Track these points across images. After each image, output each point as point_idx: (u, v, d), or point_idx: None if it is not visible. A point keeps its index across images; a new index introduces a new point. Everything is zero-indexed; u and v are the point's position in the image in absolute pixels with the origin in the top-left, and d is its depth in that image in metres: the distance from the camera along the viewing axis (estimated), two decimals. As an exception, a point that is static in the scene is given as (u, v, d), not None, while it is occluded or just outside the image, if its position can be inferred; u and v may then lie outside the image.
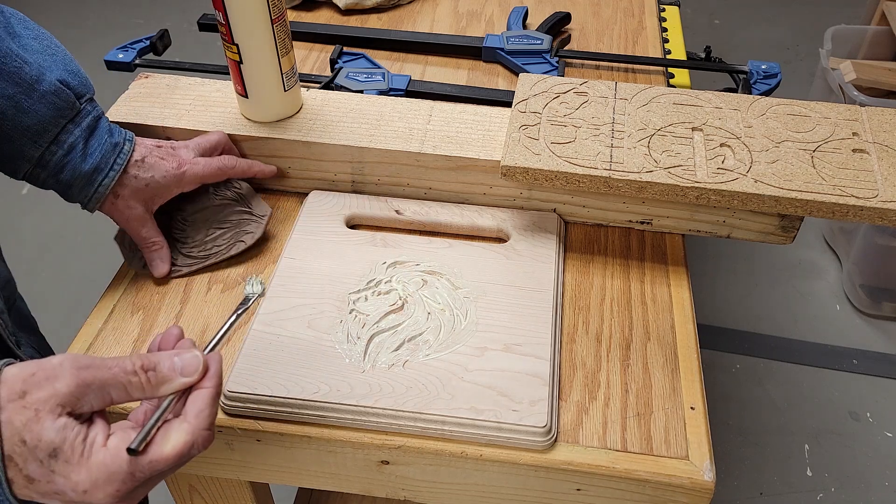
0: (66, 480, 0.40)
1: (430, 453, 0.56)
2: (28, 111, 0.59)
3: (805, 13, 2.55)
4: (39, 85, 0.60)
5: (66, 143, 0.61)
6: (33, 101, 0.59)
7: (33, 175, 0.62)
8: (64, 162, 0.62)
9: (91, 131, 0.63)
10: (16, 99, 0.59)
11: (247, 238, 0.70)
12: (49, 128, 0.60)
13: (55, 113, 0.61)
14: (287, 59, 0.71)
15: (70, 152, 0.62)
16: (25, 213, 1.89)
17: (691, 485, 0.55)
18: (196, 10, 1.61)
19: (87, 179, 0.62)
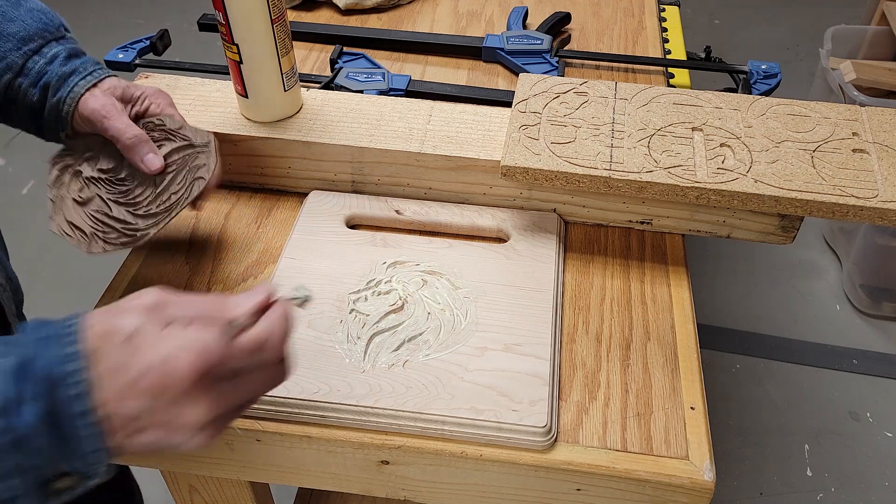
0: (146, 356, 0.38)
1: (430, 453, 0.56)
2: (14, 19, 0.61)
3: (805, 13, 2.55)
4: (27, 2, 0.62)
5: (49, 54, 0.62)
6: (20, 13, 0.61)
7: (13, 88, 0.61)
8: (45, 70, 0.61)
9: (76, 54, 0.64)
10: (2, 9, 0.61)
11: (202, 172, 0.63)
12: (34, 37, 0.61)
13: (41, 26, 0.62)
14: (287, 59, 0.71)
15: (51, 62, 0.62)
16: (25, 213, 1.89)
17: (691, 485, 0.55)
18: (196, 10, 1.61)
19: (64, 79, 0.62)
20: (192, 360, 0.38)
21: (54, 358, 0.37)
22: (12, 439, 0.36)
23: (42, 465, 0.37)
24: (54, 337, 0.38)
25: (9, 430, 0.35)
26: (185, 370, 0.38)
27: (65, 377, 0.37)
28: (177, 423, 0.39)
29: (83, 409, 0.37)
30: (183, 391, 0.39)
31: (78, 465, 0.38)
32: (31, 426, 0.36)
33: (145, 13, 2.52)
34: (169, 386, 0.38)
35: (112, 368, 0.38)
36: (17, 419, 0.36)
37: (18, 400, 0.36)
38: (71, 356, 0.37)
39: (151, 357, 0.38)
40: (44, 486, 0.38)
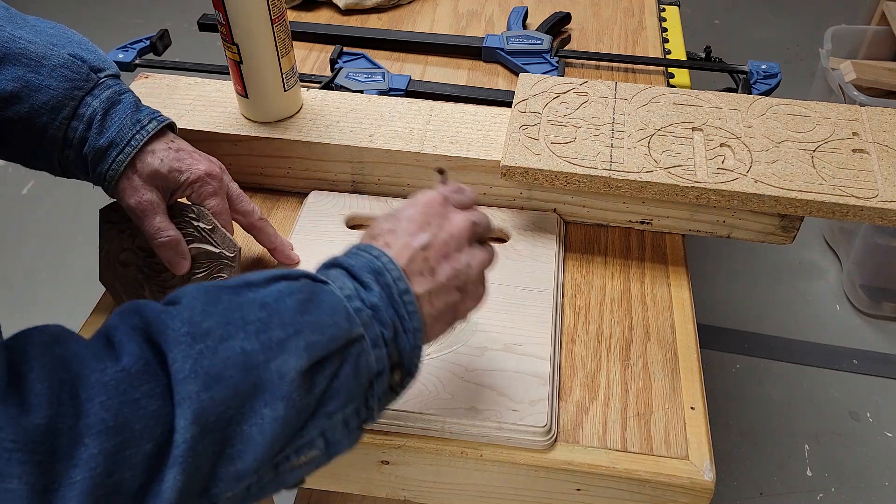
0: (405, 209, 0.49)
1: (430, 453, 0.56)
2: (40, 87, 0.58)
3: (805, 13, 2.55)
4: (48, 60, 0.58)
5: (85, 117, 0.59)
6: (43, 77, 0.58)
7: (64, 158, 0.60)
8: (85, 136, 0.59)
9: (112, 104, 0.60)
10: (25, 78, 0.57)
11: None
12: (66, 102, 0.58)
13: (69, 85, 0.58)
14: (287, 59, 0.71)
15: (89, 127, 0.59)
16: (25, 213, 1.89)
17: (691, 485, 0.55)
18: (196, 10, 1.61)
19: (101, 155, 0.59)
20: (433, 193, 0.50)
21: (369, 259, 0.45)
22: (371, 313, 0.43)
23: (391, 338, 0.44)
24: (357, 252, 0.46)
25: (366, 305, 0.43)
26: (433, 195, 0.50)
27: (384, 266, 0.45)
28: (454, 238, 0.48)
29: (404, 286, 0.45)
30: (440, 209, 0.49)
31: (407, 343, 0.45)
32: (378, 301, 0.44)
33: (145, 13, 2.52)
34: (430, 208, 0.49)
35: (391, 231, 0.48)
36: (368, 298, 0.44)
37: (361, 288, 0.44)
38: (379, 256, 0.46)
39: (408, 206, 0.49)
40: (390, 375, 0.44)
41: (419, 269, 0.46)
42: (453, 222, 0.49)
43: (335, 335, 0.41)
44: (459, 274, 0.48)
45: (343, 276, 0.45)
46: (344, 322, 0.42)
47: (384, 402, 0.45)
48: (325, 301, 0.42)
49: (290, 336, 0.40)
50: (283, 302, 0.41)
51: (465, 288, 0.49)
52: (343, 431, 0.43)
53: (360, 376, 0.43)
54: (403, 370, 0.45)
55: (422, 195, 0.50)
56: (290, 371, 0.39)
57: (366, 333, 0.43)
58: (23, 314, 1.62)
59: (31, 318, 0.71)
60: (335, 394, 0.42)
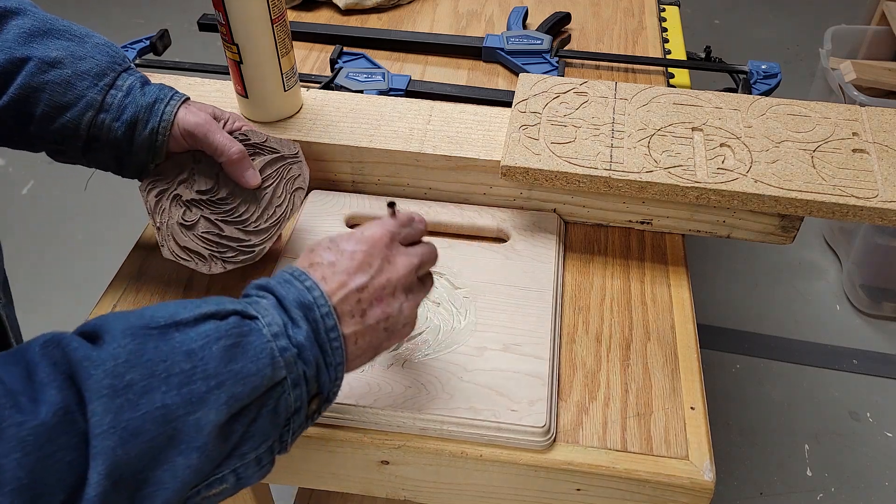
0: (349, 241, 0.49)
1: (429, 453, 0.56)
2: (84, 57, 0.61)
3: (805, 13, 2.55)
4: (90, 38, 0.63)
5: (125, 86, 0.62)
6: (88, 49, 0.62)
7: (97, 123, 0.61)
8: (125, 102, 0.62)
9: (147, 82, 0.64)
10: (70, 49, 0.61)
11: (299, 182, 0.66)
12: (107, 71, 0.62)
13: (110, 60, 0.62)
14: (287, 59, 0.71)
15: (129, 94, 0.62)
16: (25, 213, 1.89)
17: (691, 485, 0.55)
18: (196, 10, 1.61)
19: (148, 110, 0.62)
20: (380, 228, 0.50)
21: (300, 291, 0.46)
22: (297, 352, 0.44)
23: (313, 376, 0.45)
24: (290, 280, 0.46)
25: (292, 344, 0.44)
26: (379, 233, 0.50)
27: (314, 301, 0.45)
28: (391, 284, 0.48)
29: (332, 323, 0.45)
30: (384, 250, 0.49)
31: (328, 378, 0.46)
32: (305, 339, 0.44)
33: (145, 13, 2.52)
34: (374, 249, 0.49)
35: (330, 263, 0.48)
36: (295, 336, 0.44)
37: (290, 322, 0.44)
38: (310, 287, 0.46)
39: (353, 239, 0.49)
40: (307, 407, 0.45)
41: (350, 310, 0.47)
42: (395, 266, 0.49)
43: (257, 385, 0.42)
44: (390, 318, 0.48)
45: (273, 307, 0.45)
46: (268, 368, 0.42)
47: (299, 433, 0.46)
48: (251, 345, 0.42)
49: (212, 389, 0.40)
50: (209, 349, 0.41)
51: (393, 329, 0.49)
52: (254, 468, 0.44)
53: (278, 417, 0.44)
54: (321, 399, 0.46)
55: (370, 230, 0.50)
56: (208, 424, 0.40)
57: (288, 376, 0.43)
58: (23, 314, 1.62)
59: (31, 318, 0.71)
60: (251, 437, 0.43)
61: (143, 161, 0.63)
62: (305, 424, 0.46)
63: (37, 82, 0.60)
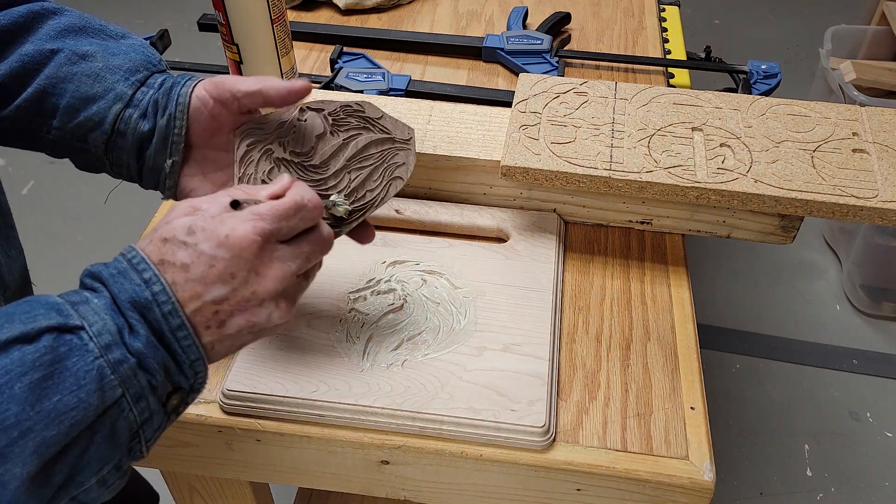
0: (209, 241, 0.41)
1: (430, 453, 0.56)
2: (117, 53, 0.59)
3: (805, 13, 2.55)
4: (125, 39, 0.61)
5: (156, 84, 0.58)
6: (122, 46, 0.59)
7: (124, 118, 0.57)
8: (155, 98, 0.57)
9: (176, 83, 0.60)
10: (104, 44, 0.59)
11: (401, 172, 0.58)
12: (139, 68, 0.58)
13: (144, 59, 0.59)
14: (287, 59, 0.71)
15: (159, 89, 0.58)
16: (25, 213, 1.89)
17: (691, 485, 0.55)
18: (196, 10, 1.61)
19: (166, 95, 0.57)
20: (250, 229, 0.42)
21: (136, 286, 0.39)
22: (135, 363, 0.38)
23: (161, 381, 0.39)
24: (125, 270, 0.40)
25: (129, 354, 0.38)
26: (248, 238, 0.42)
27: (153, 299, 0.39)
28: (257, 296, 0.42)
29: (179, 322, 0.40)
30: (252, 260, 0.42)
31: (184, 377, 0.41)
32: (145, 346, 0.38)
33: (145, 13, 2.52)
34: (239, 259, 0.41)
35: (183, 266, 0.41)
36: (132, 343, 0.38)
37: (125, 329, 0.38)
38: (149, 281, 0.40)
39: (214, 240, 0.41)
40: (164, 406, 0.41)
41: (205, 322, 0.41)
42: (264, 280, 0.43)
43: (80, 418, 0.36)
44: (256, 325, 0.43)
45: (104, 309, 0.39)
46: (94, 395, 0.36)
47: (158, 435, 0.41)
48: (69, 371, 0.36)
49: (13, 441, 0.34)
50: (10, 390, 0.34)
51: (262, 332, 0.44)
52: (99, 490, 0.39)
53: (118, 437, 0.38)
54: (183, 392, 0.41)
55: (235, 232, 0.42)
56: (13, 480, 0.34)
57: (126, 392, 0.38)
58: (23, 314, 1.62)
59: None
60: (84, 468, 0.37)
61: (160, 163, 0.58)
62: (167, 423, 0.41)
63: (65, 73, 0.57)
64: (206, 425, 0.58)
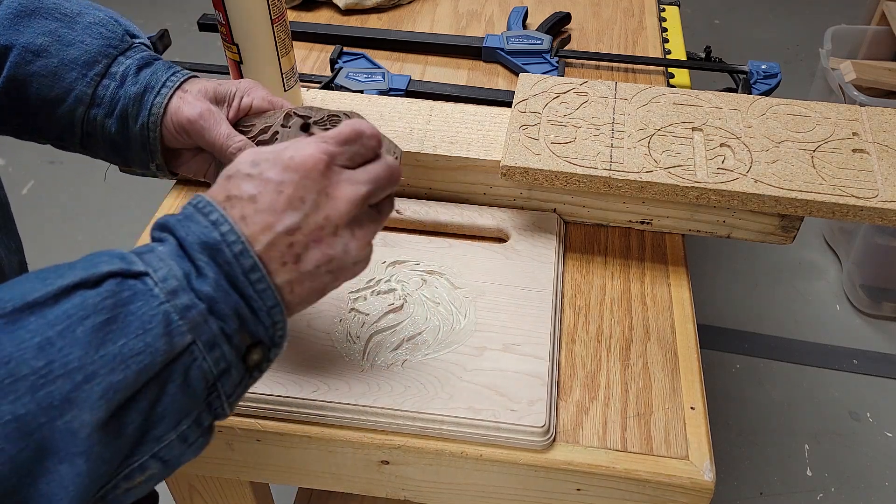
0: (274, 167, 0.40)
1: (430, 453, 0.56)
2: (72, 43, 0.54)
3: (805, 13, 2.55)
4: (82, 17, 0.55)
5: (118, 74, 0.54)
6: (77, 32, 0.54)
7: (90, 120, 0.55)
8: (118, 95, 0.54)
9: (145, 64, 0.56)
10: (58, 33, 0.54)
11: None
12: (98, 58, 0.54)
13: (103, 43, 0.54)
14: (287, 59, 0.71)
15: (123, 83, 0.54)
16: (25, 213, 1.89)
17: (691, 485, 0.55)
18: (196, 10, 1.61)
19: (137, 102, 0.54)
20: (314, 149, 0.40)
21: (203, 228, 0.37)
22: (205, 308, 0.36)
23: (235, 329, 0.37)
24: (191, 214, 0.38)
25: (198, 299, 0.36)
26: (314, 157, 0.40)
27: (222, 240, 0.37)
28: (331, 222, 0.40)
29: (251, 263, 0.37)
30: (321, 180, 0.40)
31: (262, 326, 0.38)
32: (214, 290, 0.36)
33: (145, 13, 2.52)
34: (307, 180, 0.40)
35: (251, 197, 0.39)
36: (201, 287, 0.36)
37: (192, 272, 0.36)
38: (217, 222, 0.38)
39: (279, 165, 0.40)
40: (244, 359, 0.38)
41: (280, 257, 0.39)
42: (336, 201, 0.41)
43: (148, 363, 0.35)
44: (333, 260, 0.41)
45: (171, 255, 0.37)
46: (161, 340, 0.35)
47: (240, 393, 0.39)
48: (134, 315, 0.35)
49: (78, 386, 0.33)
50: (73, 334, 0.33)
51: (340, 271, 0.42)
52: (181, 447, 0.37)
53: (193, 388, 0.37)
54: (263, 346, 0.39)
55: (300, 150, 0.40)
56: (85, 427, 0.33)
57: (197, 339, 0.36)
58: (23, 314, 1.62)
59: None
60: (160, 419, 0.36)
61: (142, 159, 0.57)
62: (249, 379, 0.39)
63: (22, 74, 0.53)
64: (206, 425, 0.58)
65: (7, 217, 0.59)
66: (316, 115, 0.56)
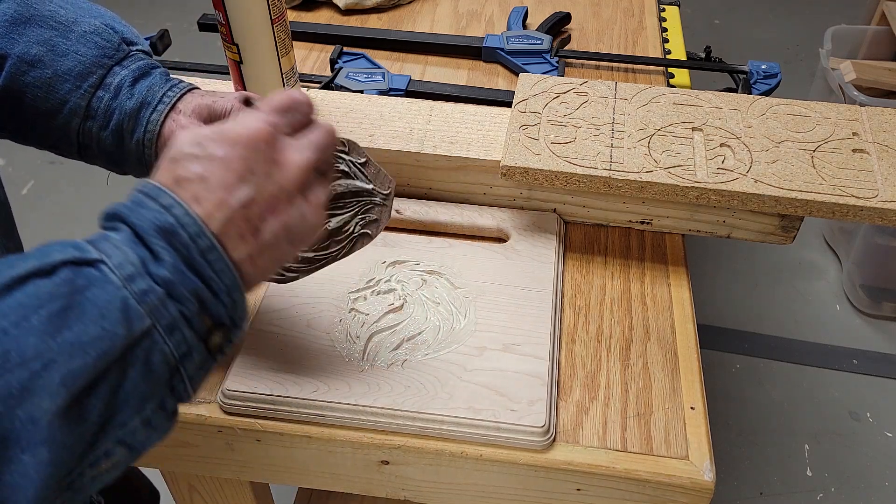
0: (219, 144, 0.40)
1: (430, 453, 0.56)
2: (67, 53, 0.53)
3: (805, 13, 2.55)
4: (78, 26, 0.55)
5: (112, 86, 0.54)
6: (72, 42, 0.54)
7: (85, 132, 0.55)
8: (113, 107, 0.54)
9: (142, 75, 0.56)
10: (52, 42, 0.53)
11: (371, 229, 0.55)
12: (93, 69, 0.54)
13: (98, 52, 0.54)
14: (287, 59, 0.71)
15: (118, 94, 0.54)
16: (25, 213, 1.89)
17: (691, 485, 0.55)
18: (196, 10, 1.61)
19: (133, 118, 0.54)
20: (256, 121, 0.41)
21: (156, 213, 0.37)
22: (163, 292, 0.36)
23: (195, 311, 0.37)
24: (142, 201, 0.38)
25: (157, 282, 0.36)
26: (257, 128, 0.40)
27: (176, 223, 0.37)
28: (283, 189, 0.40)
29: (207, 243, 0.37)
30: (267, 150, 0.40)
31: (222, 306, 0.38)
32: (172, 273, 0.36)
33: (145, 13, 2.52)
34: (254, 151, 0.39)
35: (200, 177, 0.39)
36: (157, 272, 0.36)
37: (148, 259, 0.36)
38: (169, 206, 0.37)
39: (224, 142, 0.39)
40: (205, 342, 0.39)
41: (238, 232, 0.39)
42: (285, 169, 0.41)
43: (107, 349, 0.34)
44: (291, 227, 0.41)
45: (126, 242, 0.37)
46: (120, 324, 0.35)
47: (203, 375, 0.40)
48: (90, 302, 0.35)
49: (37, 373, 0.33)
50: (28, 323, 0.33)
51: (298, 238, 0.42)
52: (146, 431, 0.37)
53: (155, 372, 0.37)
54: (225, 328, 0.39)
55: (241, 125, 0.40)
56: (45, 415, 0.33)
57: (156, 323, 0.36)
58: (23, 314, 1.62)
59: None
60: (123, 404, 0.36)
61: (138, 172, 0.57)
62: (210, 361, 0.39)
63: (17, 85, 0.53)
64: (206, 425, 0.58)
65: (7, 217, 0.59)
66: (355, 155, 0.55)
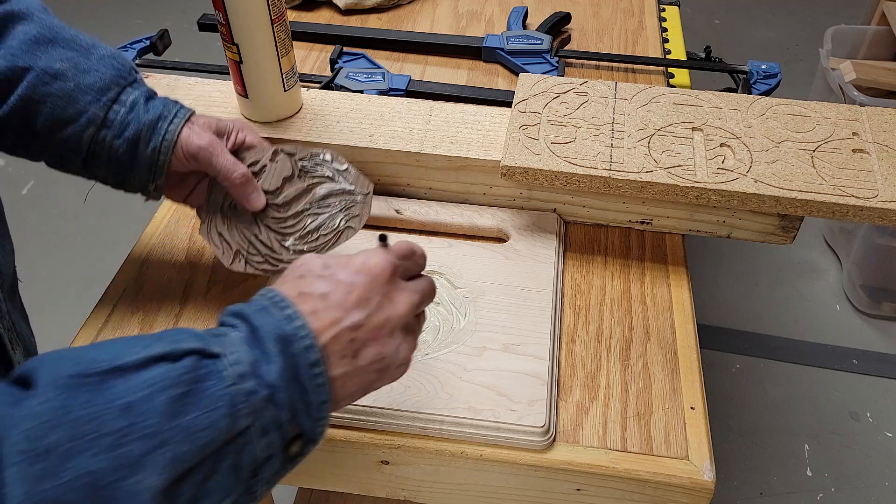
0: (346, 270, 0.44)
1: (430, 453, 0.56)
2: (88, 70, 0.59)
3: (805, 13, 2.55)
4: (96, 49, 0.61)
5: (128, 101, 0.60)
6: (92, 62, 0.60)
7: (98, 140, 0.59)
8: (128, 119, 0.59)
9: (151, 96, 0.62)
10: (74, 60, 0.59)
11: (354, 223, 0.62)
12: (111, 86, 0.59)
13: (115, 73, 0.60)
14: (287, 59, 0.71)
15: (133, 109, 0.59)
16: (25, 213, 1.89)
17: (691, 485, 0.55)
18: (196, 10, 1.61)
19: (151, 128, 0.59)
20: (382, 258, 0.45)
21: (278, 321, 0.41)
22: (267, 395, 0.39)
23: (287, 419, 0.40)
24: (267, 307, 0.42)
25: (261, 385, 0.39)
26: (381, 265, 0.45)
27: (294, 333, 0.40)
28: (390, 323, 0.44)
29: (316, 357, 0.41)
30: (385, 286, 0.45)
31: (309, 419, 0.41)
32: (278, 379, 0.39)
33: (145, 13, 2.52)
34: (375, 283, 0.44)
35: (322, 295, 0.43)
36: (266, 375, 0.39)
37: (262, 360, 0.39)
38: (291, 317, 0.41)
39: (350, 269, 0.44)
40: (286, 449, 0.41)
41: (341, 351, 0.42)
42: (395, 305, 0.45)
43: (210, 440, 0.37)
44: (384, 359, 0.44)
45: (244, 341, 0.40)
46: (224, 420, 0.37)
47: (276, 480, 0.42)
48: (206, 393, 0.37)
49: (151, 450, 0.35)
50: (152, 402, 0.36)
51: (386, 370, 0.45)
52: None
53: (241, 470, 0.39)
54: (304, 440, 0.42)
55: (371, 259, 0.45)
56: (148, 490, 0.35)
57: (254, 423, 0.39)
58: (23, 314, 1.62)
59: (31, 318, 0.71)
60: (206, 495, 0.38)
61: (143, 180, 0.61)
62: (284, 470, 0.42)
63: (38, 94, 0.58)
64: (206, 425, 0.58)
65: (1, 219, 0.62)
66: (300, 153, 0.63)
